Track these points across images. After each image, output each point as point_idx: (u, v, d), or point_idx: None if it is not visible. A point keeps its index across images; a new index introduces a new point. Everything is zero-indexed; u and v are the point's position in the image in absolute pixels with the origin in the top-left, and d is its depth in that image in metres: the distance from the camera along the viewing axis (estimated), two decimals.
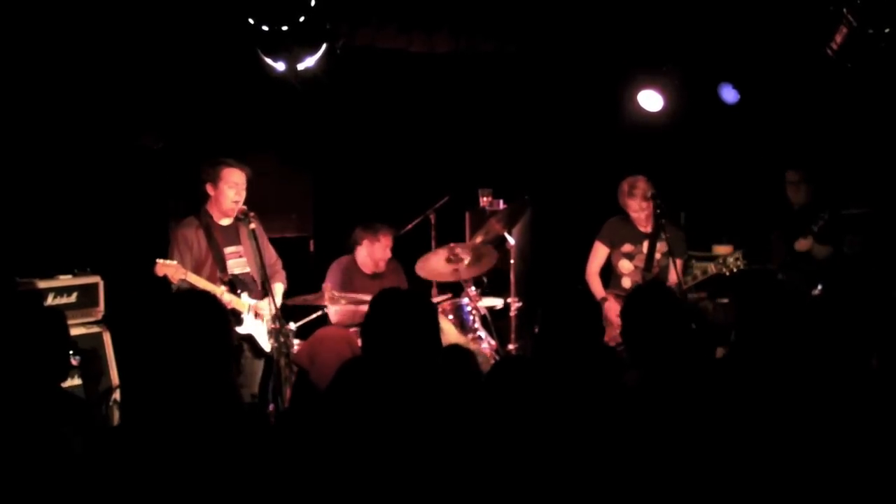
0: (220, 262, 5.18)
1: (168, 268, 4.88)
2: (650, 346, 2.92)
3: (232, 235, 5.29)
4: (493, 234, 6.20)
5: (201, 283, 4.99)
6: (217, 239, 5.20)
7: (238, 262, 5.28)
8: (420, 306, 3.03)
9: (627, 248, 5.88)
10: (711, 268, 5.58)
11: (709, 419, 2.75)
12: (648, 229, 5.79)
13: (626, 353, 3.18)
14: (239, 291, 5.18)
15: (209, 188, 5.21)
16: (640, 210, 5.73)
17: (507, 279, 6.30)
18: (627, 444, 2.76)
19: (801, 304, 3.25)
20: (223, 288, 5.09)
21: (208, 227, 5.20)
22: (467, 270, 5.98)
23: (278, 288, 5.39)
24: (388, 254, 6.09)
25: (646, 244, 5.78)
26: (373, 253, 6.04)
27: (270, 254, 5.51)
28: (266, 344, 5.28)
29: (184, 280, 4.91)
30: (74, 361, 3.31)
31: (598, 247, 5.97)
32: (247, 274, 5.30)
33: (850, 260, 5.77)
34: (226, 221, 5.29)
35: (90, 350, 3.60)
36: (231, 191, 5.16)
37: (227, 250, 5.24)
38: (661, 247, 5.72)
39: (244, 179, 5.21)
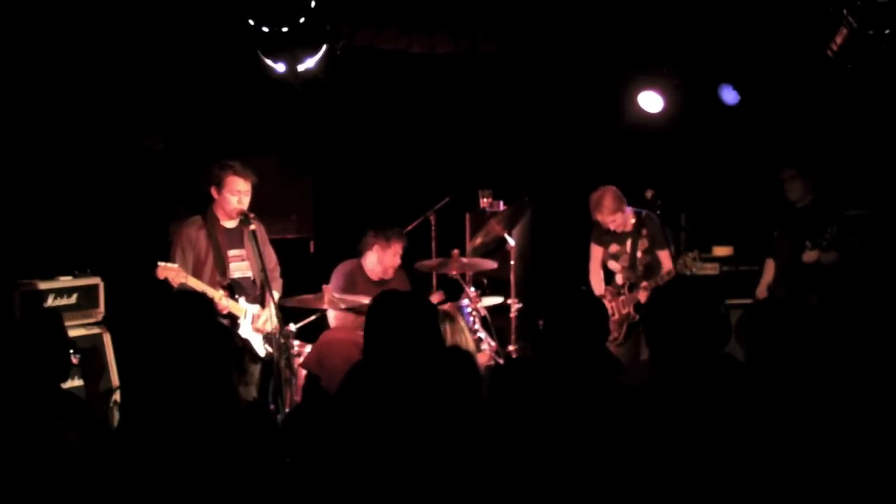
0: (221, 265, 5.19)
1: (169, 271, 4.88)
2: (671, 341, 2.89)
3: (236, 238, 5.29)
4: (494, 235, 6.20)
5: (201, 286, 4.99)
6: (220, 241, 5.20)
7: (240, 266, 5.29)
8: (419, 308, 3.03)
9: (614, 248, 6.07)
10: (673, 269, 5.65)
11: (717, 423, 2.72)
12: (629, 229, 5.95)
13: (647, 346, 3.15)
14: (237, 296, 5.19)
15: (213, 191, 5.22)
16: (609, 223, 5.90)
17: (507, 280, 6.30)
18: (633, 446, 2.74)
19: (809, 328, 3.20)
20: (222, 292, 5.09)
21: (212, 228, 5.21)
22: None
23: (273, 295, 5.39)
24: (398, 261, 5.98)
25: (629, 243, 5.97)
26: (383, 259, 5.93)
27: (271, 258, 5.50)
28: (261, 349, 5.29)
29: (184, 284, 4.92)
30: (75, 360, 3.31)
31: (593, 248, 6.21)
32: (247, 278, 5.30)
33: (852, 264, 5.76)
34: (230, 224, 5.29)
35: (90, 348, 3.59)
36: (234, 198, 5.17)
37: (231, 253, 5.25)
38: (643, 244, 5.89)
39: (248, 187, 5.21)
